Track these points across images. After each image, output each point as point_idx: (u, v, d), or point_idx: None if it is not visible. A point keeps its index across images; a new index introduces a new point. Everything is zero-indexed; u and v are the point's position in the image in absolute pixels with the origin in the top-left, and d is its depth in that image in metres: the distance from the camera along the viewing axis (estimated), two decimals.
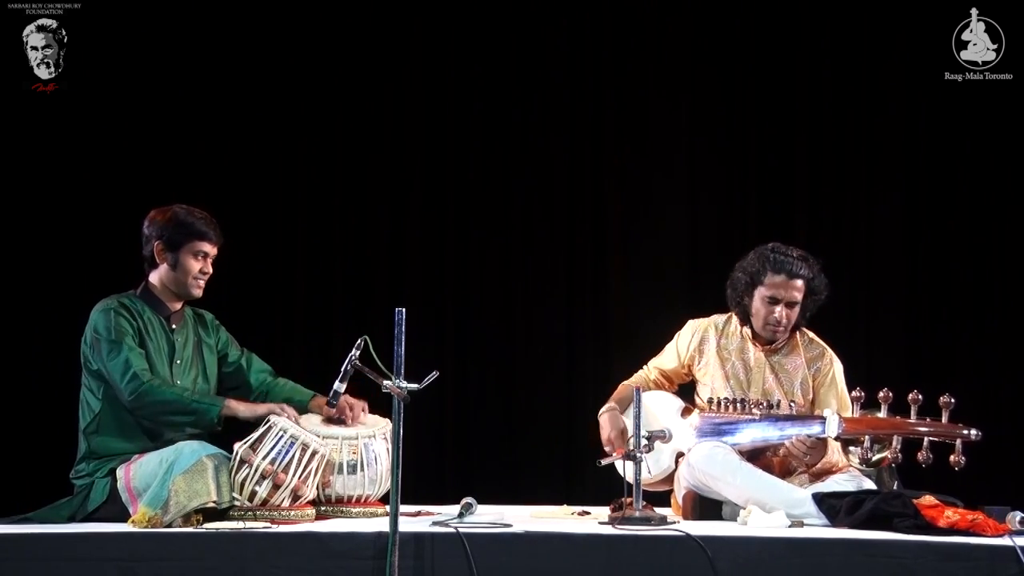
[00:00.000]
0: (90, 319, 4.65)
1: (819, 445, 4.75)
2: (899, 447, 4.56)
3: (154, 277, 4.75)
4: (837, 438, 4.73)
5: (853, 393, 4.71)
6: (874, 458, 4.72)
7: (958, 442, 4.48)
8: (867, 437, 4.63)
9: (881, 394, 4.60)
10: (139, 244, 4.77)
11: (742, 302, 5.00)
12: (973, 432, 4.49)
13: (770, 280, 4.91)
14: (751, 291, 4.96)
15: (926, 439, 4.52)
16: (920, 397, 4.54)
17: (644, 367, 5.25)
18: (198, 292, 4.76)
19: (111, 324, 4.59)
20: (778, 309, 4.91)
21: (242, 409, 4.63)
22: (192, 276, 4.72)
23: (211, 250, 4.75)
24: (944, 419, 4.52)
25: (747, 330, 5.05)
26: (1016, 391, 6.31)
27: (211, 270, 4.77)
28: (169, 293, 4.75)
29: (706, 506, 4.83)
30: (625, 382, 5.21)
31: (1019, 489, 5.54)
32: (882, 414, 4.62)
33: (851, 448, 4.89)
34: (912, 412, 4.56)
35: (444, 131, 6.49)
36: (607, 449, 5.00)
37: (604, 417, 5.09)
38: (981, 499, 4.51)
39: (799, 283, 4.91)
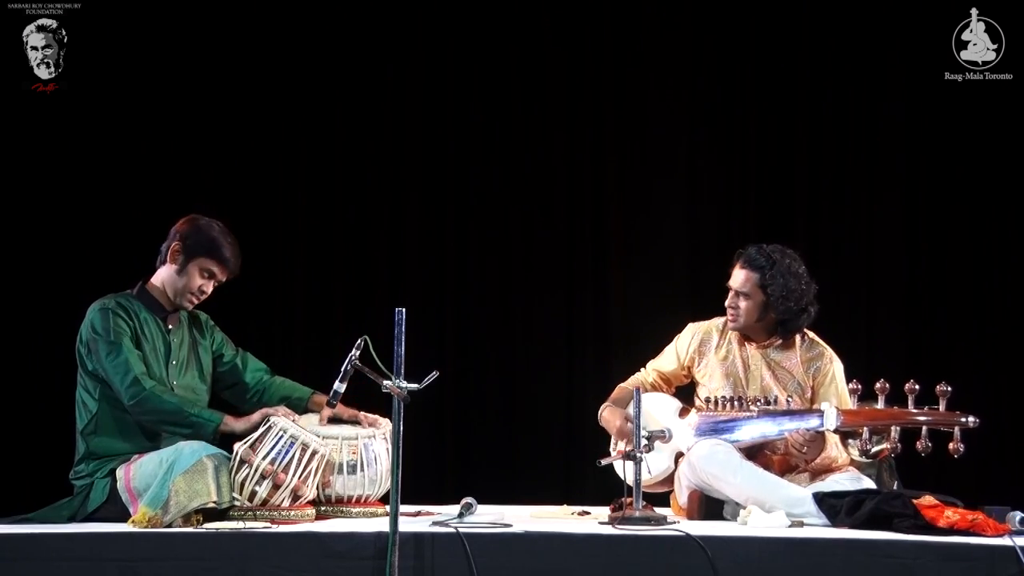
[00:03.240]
0: (86, 318, 4.64)
1: (817, 439, 4.75)
2: (898, 438, 4.57)
3: (158, 276, 4.74)
4: (836, 431, 4.74)
5: (850, 385, 4.73)
6: (873, 449, 4.73)
7: (956, 430, 4.50)
8: (866, 429, 4.65)
9: (878, 385, 4.61)
10: (160, 238, 4.76)
11: None
12: (971, 419, 4.51)
13: (731, 268, 5.02)
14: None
15: (924, 428, 4.54)
16: (917, 387, 4.56)
17: (642, 369, 5.25)
18: (188, 306, 4.75)
19: (109, 324, 4.58)
20: (730, 295, 5.00)
21: (239, 425, 4.58)
22: (190, 290, 4.71)
23: (220, 275, 4.74)
24: (942, 408, 4.54)
25: None
26: (1016, 390, 6.31)
27: (210, 292, 4.75)
28: (166, 295, 4.75)
29: (710, 506, 4.83)
30: (622, 384, 5.21)
31: (1019, 489, 5.54)
32: (880, 405, 4.63)
33: (850, 441, 4.89)
34: (910, 402, 4.57)
35: (444, 131, 6.49)
36: (621, 441, 4.99)
37: (605, 413, 5.10)
38: (981, 499, 4.51)
39: (744, 274, 4.97)
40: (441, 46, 6.48)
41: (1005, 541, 4.12)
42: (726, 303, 5.02)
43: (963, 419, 4.51)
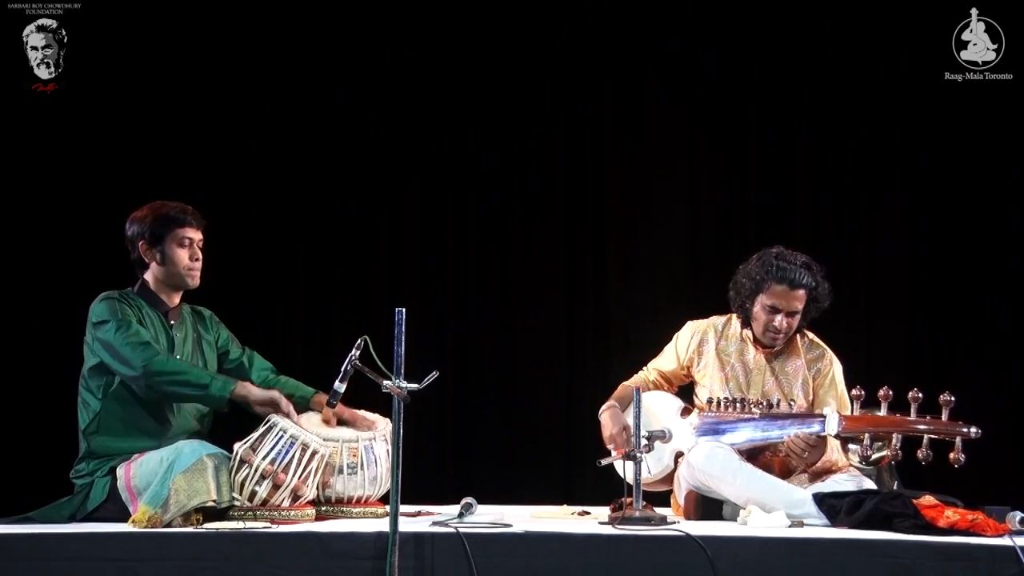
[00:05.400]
0: (91, 312, 4.62)
1: (819, 444, 4.74)
2: (899, 445, 4.56)
3: (148, 276, 4.74)
4: (837, 436, 4.73)
5: (853, 391, 4.71)
6: (874, 456, 4.72)
7: (958, 440, 4.48)
8: (867, 435, 4.63)
9: (881, 392, 4.60)
10: (127, 252, 4.75)
11: (744, 306, 4.99)
12: (973, 430, 4.49)
13: (772, 289, 4.88)
14: (753, 297, 4.93)
15: (926, 437, 4.52)
16: (920, 395, 4.54)
17: (644, 368, 5.25)
18: (193, 282, 4.73)
19: (116, 308, 4.58)
20: (778, 318, 4.90)
21: (256, 392, 4.58)
22: (183, 266, 4.69)
23: (195, 235, 4.71)
24: (944, 417, 4.52)
25: (748, 332, 5.04)
26: (1016, 391, 6.31)
27: (201, 256, 4.73)
28: (166, 289, 4.73)
29: (707, 506, 4.83)
30: (625, 383, 5.21)
31: (1019, 489, 5.54)
32: (882, 412, 4.62)
33: (851, 446, 4.88)
34: (912, 410, 4.55)
35: (444, 130, 6.49)
36: (609, 447, 5.00)
37: (605, 415, 5.08)
38: (981, 499, 4.51)
39: (801, 293, 4.89)
40: (441, 43, 6.48)
41: (1005, 541, 4.12)
42: (774, 325, 4.87)
43: (965, 429, 4.48)
